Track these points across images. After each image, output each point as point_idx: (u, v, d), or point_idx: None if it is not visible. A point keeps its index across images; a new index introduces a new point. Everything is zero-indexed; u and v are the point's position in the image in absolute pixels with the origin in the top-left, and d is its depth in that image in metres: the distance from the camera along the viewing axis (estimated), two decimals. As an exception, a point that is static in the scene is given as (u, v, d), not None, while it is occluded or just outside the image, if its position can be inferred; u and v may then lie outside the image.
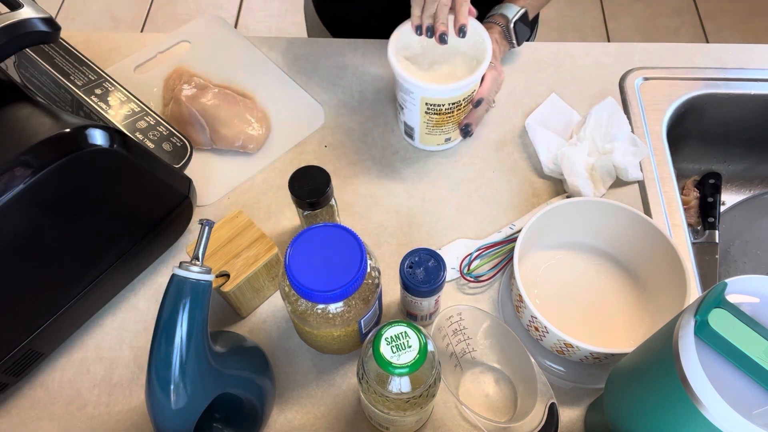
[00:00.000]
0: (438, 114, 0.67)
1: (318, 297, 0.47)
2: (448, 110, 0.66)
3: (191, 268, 0.42)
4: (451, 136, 0.71)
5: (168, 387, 0.42)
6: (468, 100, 0.67)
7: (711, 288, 0.37)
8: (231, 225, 0.58)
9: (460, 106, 0.67)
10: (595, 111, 0.72)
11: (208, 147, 0.73)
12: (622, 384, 0.45)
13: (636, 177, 0.69)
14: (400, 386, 0.44)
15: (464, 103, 0.67)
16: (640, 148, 0.69)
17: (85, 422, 0.56)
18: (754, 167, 0.87)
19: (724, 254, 0.82)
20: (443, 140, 0.72)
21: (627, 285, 0.63)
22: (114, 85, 0.68)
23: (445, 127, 0.69)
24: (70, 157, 0.46)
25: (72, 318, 0.58)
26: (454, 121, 0.69)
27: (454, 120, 0.69)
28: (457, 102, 0.66)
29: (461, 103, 0.66)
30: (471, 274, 0.63)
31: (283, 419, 0.56)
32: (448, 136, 0.71)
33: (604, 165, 0.69)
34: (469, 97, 0.67)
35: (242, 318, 0.62)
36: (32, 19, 0.45)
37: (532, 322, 0.55)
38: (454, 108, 0.66)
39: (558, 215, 0.61)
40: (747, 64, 0.81)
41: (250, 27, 2.02)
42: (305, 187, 0.57)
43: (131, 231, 0.58)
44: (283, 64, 0.81)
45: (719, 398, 0.33)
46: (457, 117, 0.68)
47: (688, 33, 2.00)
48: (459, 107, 0.67)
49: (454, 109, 0.67)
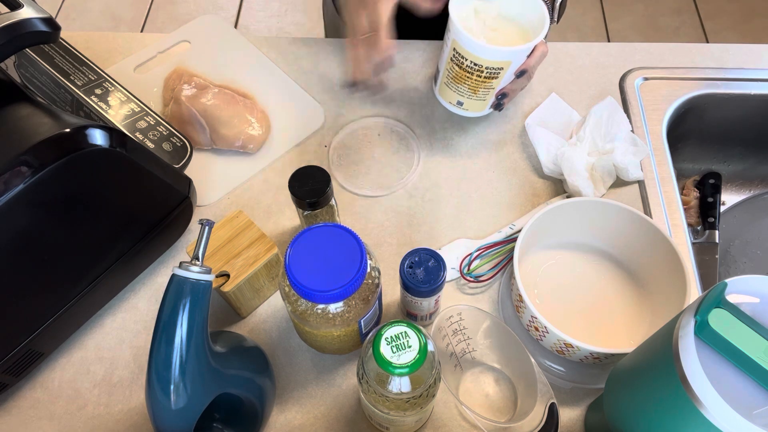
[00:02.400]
0: (459, 67, 0.66)
1: (318, 297, 0.47)
2: (468, 69, 0.65)
3: (191, 268, 0.42)
4: (464, 101, 0.70)
5: (168, 387, 0.42)
6: (492, 74, 0.65)
7: (711, 288, 0.37)
8: (231, 225, 0.58)
9: (481, 73, 0.65)
10: (595, 110, 0.72)
11: (208, 147, 0.73)
12: (622, 384, 0.46)
13: (637, 177, 0.69)
14: (400, 386, 0.44)
15: (486, 73, 0.65)
16: (641, 147, 0.69)
17: (85, 422, 0.56)
18: (754, 167, 0.87)
19: (724, 254, 0.82)
20: (455, 101, 0.71)
21: (627, 285, 0.63)
22: (114, 85, 0.68)
23: (461, 88, 0.69)
24: (70, 157, 0.46)
25: (72, 318, 0.58)
26: (471, 87, 0.68)
27: (471, 85, 0.67)
28: (479, 66, 0.64)
29: (483, 70, 0.65)
30: (471, 274, 0.63)
31: (283, 419, 0.56)
32: (461, 99, 0.70)
33: (604, 165, 0.69)
34: (495, 71, 0.65)
35: (242, 318, 0.62)
36: (32, 19, 0.45)
37: (532, 322, 0.55)
38: (475, 70, 0.65)
39: (558, 215, 0.61)
40: (747, 64, 0.81)
41: (250, 27, 2.02)
42: (305, 187, 0.57)
43: (131, 231, 0.58)
44: (283, 64, 0.81)
45: (719, 398, 0.33)
46: (474, 83, 0.67)
47: (688, 33, 2.00)
48: (480, 72, 0.65)
49: (474, 72, 0.65)
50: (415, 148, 0.74)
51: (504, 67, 0.65)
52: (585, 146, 0.70)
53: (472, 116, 0.74)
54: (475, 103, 0.71)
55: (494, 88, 0.68)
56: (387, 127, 0.76)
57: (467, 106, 0.72)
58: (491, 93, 0.69)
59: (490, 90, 0.68)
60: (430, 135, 0.75)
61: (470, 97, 0.70)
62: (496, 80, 0.67)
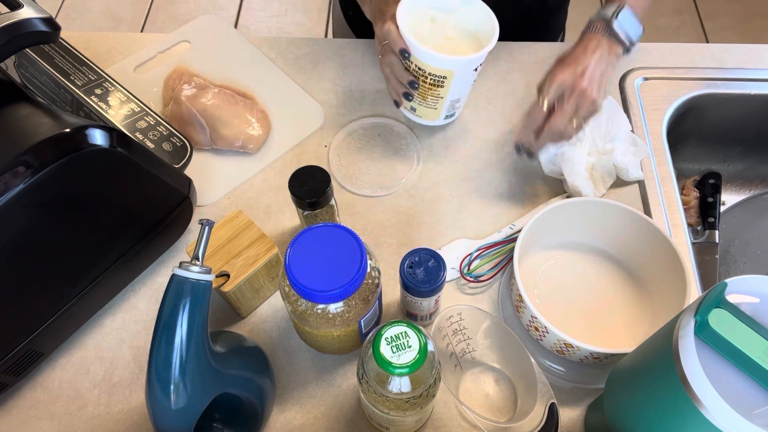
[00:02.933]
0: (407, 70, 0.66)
1: (318, 297, 0.47)
2: (414, 73, 0.65)
3: (191, 268, 0.42)
4: (417, 107, 0.70)
5: (168, 387, 0.42)
6: (437, 81, 0.65)
7: (711, 288, 0.37)
8: (231, 225, 0.58)
9: (426, 79, 0.65)
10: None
11: (208, 147, 0.73)
12: (622, 384, 0.46)
13: (637, 177, 0.69)
14: (400, 386, 0.44)
15: (430, 79, 0.65)
16: (641, 147, 0.69)
17: (85, 422, 0.56)
18: (754, 167, 0.87)
19: (724, 254, 0.82)
20: (409, 106, 0.71)
21: (627, 285, 0.63)
22: (114, 85, 0.68)
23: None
24: (70, 157, 0.46)
25: (72, 318, 0.58)
26: (420, 93, 0.67)
27: (420, 90, 0.67)
28: (423, 71, 0.64)
29: (427, 76, 0.64)
30: (471, 274, 0.63)
31: (283, 419, 0.56)
32: (414, 105, 0.70)
33: (604, 165, 0.69)
34: (439, 79, 0.64)
35: (242, 318, 0.62)
36: (32, 19, 0.45)
37: (532, 322, 0.55)
38: (420, 75, 0.65)
39: (558, 215, 0.61)
40: (747, 64, 0.81)
41: (250, 27, 2.02)
42: (305, 187, 0.57)
43: (131, 231, 0.58)
44: (283, 64, 0.81)
45: (719, 398, 0.33)
46: (423, 89, 0.66)
47: (688, 33, 2.00)
48: (425, 78, 0.65)
49: (419, 77, 0.65)
50: (415, 148, 0.74)
51: (447, 76, 0.64)
52: (585, 146, 0.70)
53: (427, 124, 0.73)
54: (426, 110, 0.70)
55: (442, 97, 0.68)
56: (387, 127, 0.76)
57: (420, 113, 0.71)
58: (441, 102, 0.69)
59: (439, 99, 0.68)
60: (430, 135, 0.75)
61: (421, 103, 0.69)
62: (443, 89, 0.66)
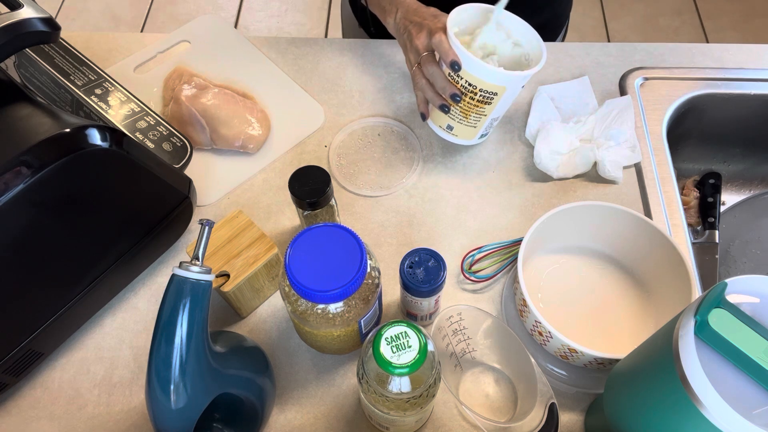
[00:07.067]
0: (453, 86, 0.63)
1: (318, 297, 0.47)
2: (462, 89, 0.63)
3: (191, 268, 0.42)
4: (454, 126, 0.67)
5: (168, 387, 0.42)
6: (485, 98, 0.63)
7: (711, 288, 0.37)
8: (231, 225, 0.58)
9: (475, 95, 0.63)
10: (609, 103, 0.72)
11: (208, 147, 0.73)
12: (622, 384, 0.45)
13: (614, 177, 0.69)
14: (400, 386, 0.44)
15: (479, 96, 0.63)
16: (635, 154, 0.70)
17: (85, 422, 0.56)
18: (754, 167, 0.87)
19: (724, 254, 0.82)
20: (445, 125, 0.68)
21: (630, 288, 0.63)
22: (114, 85, 0.68)
23: (453, 110, 0.66)
24: (70, 157, 0.46)
25: (72, 318, 0.58)
26: (462, 109, 0.65)
27: (463, 107, 0.65)
28: (474, 86, 0.62)
29: (477, 92, 0.62)
30: (471, 273, 0.63)
31: (283, 419, 0.56)
32: (452, 123, 0.67)
33: (586, 154, 0.69)
34: (489, 96, 0.62)
35: (242, 318, 0.62)
36: (32, 19, 0.45)
37: (536, 326, 0.55)
38: (469, 91, 0.63)
39: (560, 219, 0.60)
40: (747, 64, 0.81)
41: (250, 27, 2.02)
42: (305, 187, 0.57)
43: (131, 231, 0.58)
44: (283, 64, 0.81)
45: (719, 398, 0.33)
46: (467, 105, 0.64)
47: (688, 33, 2.00)
48: (474, 94, 0.63)
49: (468, 93, 0.63)
50: (415, 148, 0.74)
51: (498, 92, 0.62)
52: (579, 129, 0.70)
53: (459, 143, 0.71)
54: (465, 129, 0.68)
55: (486, 115, 0.66)
56: (387, 127, 0.76)
57: (457, 132, 0.68)
58: (482, 120, 0.66)
59: (482, 117, 0.66)
60: (430, 135, 0.75)
61: (461, 121, 0.67)
62: (489, 106, 0.64)
